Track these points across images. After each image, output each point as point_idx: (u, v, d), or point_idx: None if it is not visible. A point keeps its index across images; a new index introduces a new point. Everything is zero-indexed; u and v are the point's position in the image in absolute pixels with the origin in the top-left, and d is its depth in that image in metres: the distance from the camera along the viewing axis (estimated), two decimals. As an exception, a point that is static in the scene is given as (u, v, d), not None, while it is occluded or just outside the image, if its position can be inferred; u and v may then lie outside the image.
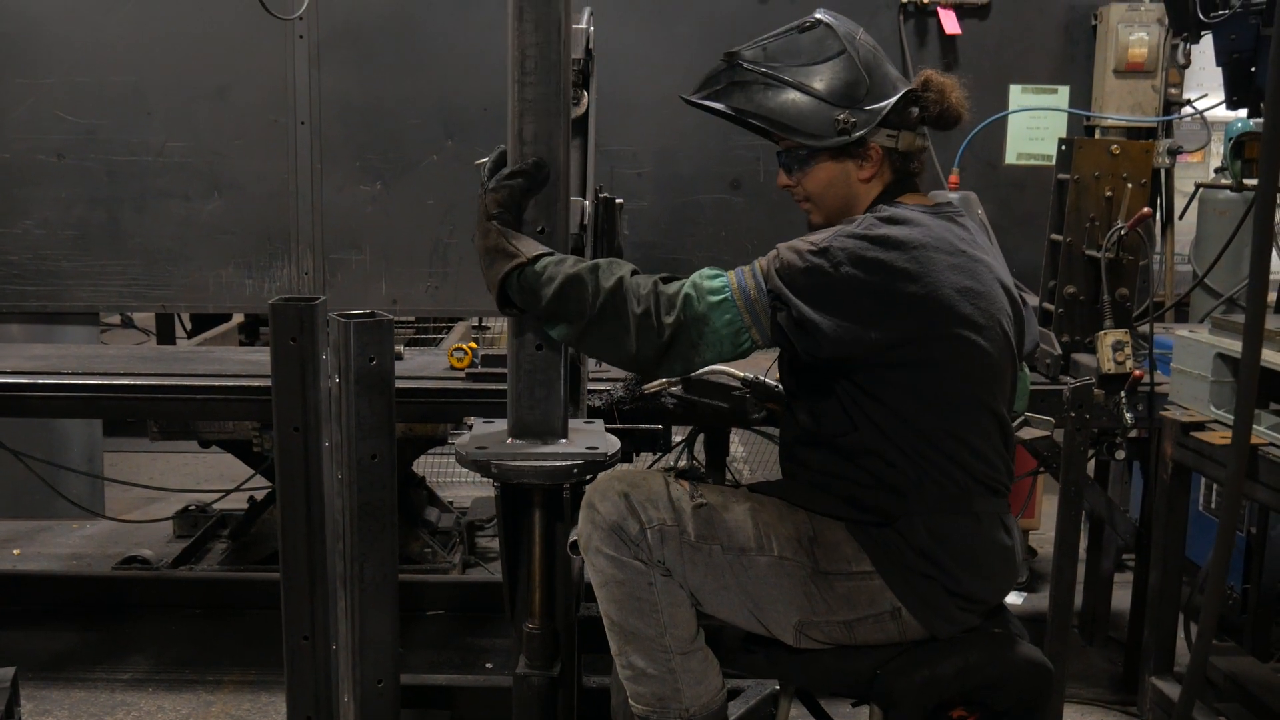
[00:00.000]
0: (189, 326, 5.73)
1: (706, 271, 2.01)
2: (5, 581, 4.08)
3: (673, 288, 1.98)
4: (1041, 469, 3.34)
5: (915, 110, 2.09)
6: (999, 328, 2.01)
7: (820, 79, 2.05)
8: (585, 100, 2.40)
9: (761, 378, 2.62)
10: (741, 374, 2.64)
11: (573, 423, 2.23)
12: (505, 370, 2.19)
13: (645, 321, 1.95)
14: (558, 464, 2.11)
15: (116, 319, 7.07)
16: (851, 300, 1.91)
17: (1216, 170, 4.30)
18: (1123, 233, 3.07)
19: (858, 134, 2.04)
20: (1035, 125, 3.96)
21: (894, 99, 2.06)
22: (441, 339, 5.01)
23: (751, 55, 2.09)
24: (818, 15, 2.11)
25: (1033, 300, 3.43)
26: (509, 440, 2.21)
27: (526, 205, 2.07)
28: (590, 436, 2.24)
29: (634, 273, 2.01)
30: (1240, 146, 3.51)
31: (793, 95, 2.05)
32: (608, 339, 1.99)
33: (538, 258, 2.01)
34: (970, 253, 2.01)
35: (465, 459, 2.15)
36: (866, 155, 2.08)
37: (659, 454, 3.06)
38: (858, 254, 1.91)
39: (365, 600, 2.17)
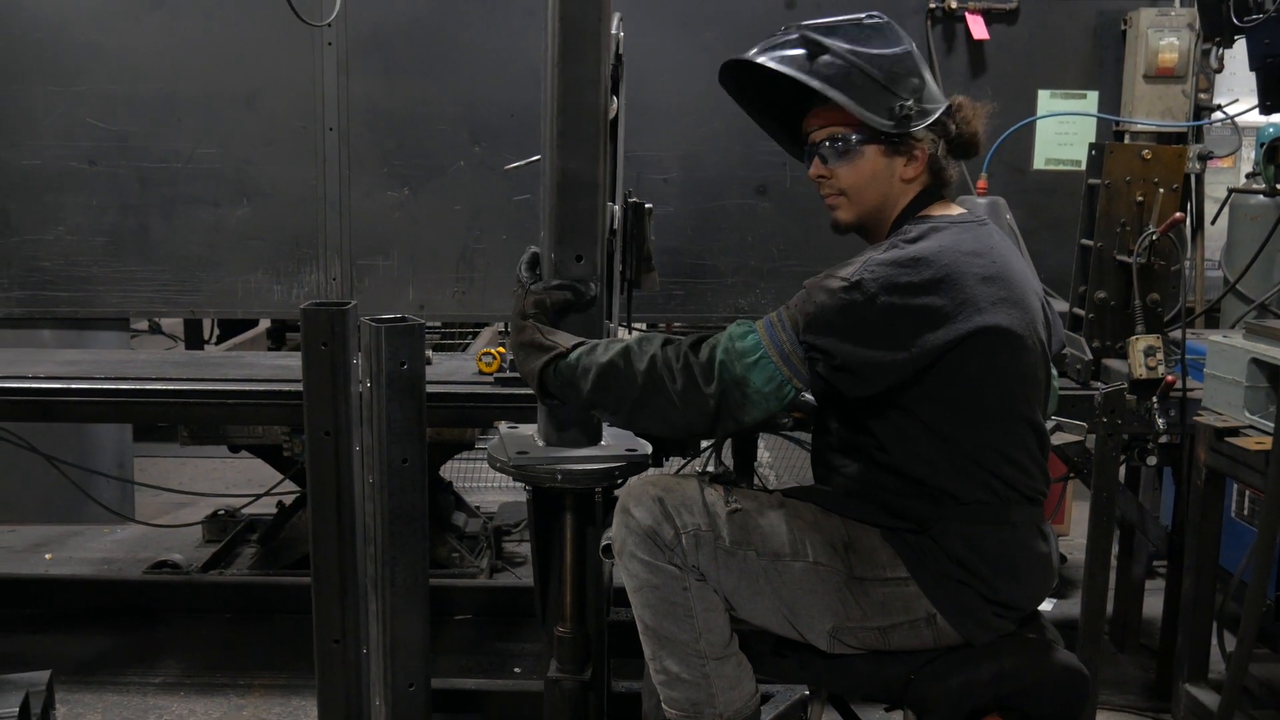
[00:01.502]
0: (217, 332, 5.77)
1: (736, 331, 1.97)
2: (38, 586, 4.11)
3: (705, 354, 1.95)
4: (1072, 475, 3.32)
5: (953, 126, 2.07)
6: (1034, 334, 2.00)
7: (886, 65, 2.02)
8: (616, 106, 2.40)
9: None
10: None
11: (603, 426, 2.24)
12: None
13: (687, 396, 1.94)
14: (590, 467, 2.12)
15: (144, 325, 7.13)
16: (891, 328, 1.88)
17: (1248, 175, 4.26)
18: (1154, 238, 3.05)
19: (915, 127, 2.01)
20: (1064, 130, 3.94)
21: (944, 104, 2.05)
22: (468, 344, 5.03)
23: (820, 28, 2.06)
24: (876, 15, 2.10)
25: (1062, 306, 3.41)
26: (540, 444, 2.21)
27: (564, 318, 2.12)
28: (622, 440, 2.24)
29: (665, 343, 1.99)
30: (1273, 151, 3.48)
31: (858, 73, 2.01)
32: (656, 418, 1.99)
33: (572, 349, 2.03)
34: (1001, 260, 1.99)
35: (498, 463, 2.16)
36: (914, 153, 2.05)
37: (688, 458, 3.06)
38: (891, 281, 1.88)
39: (396, 604, 2.18)
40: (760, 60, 2.07)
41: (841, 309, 1.89)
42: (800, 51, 2.04)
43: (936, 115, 2.03)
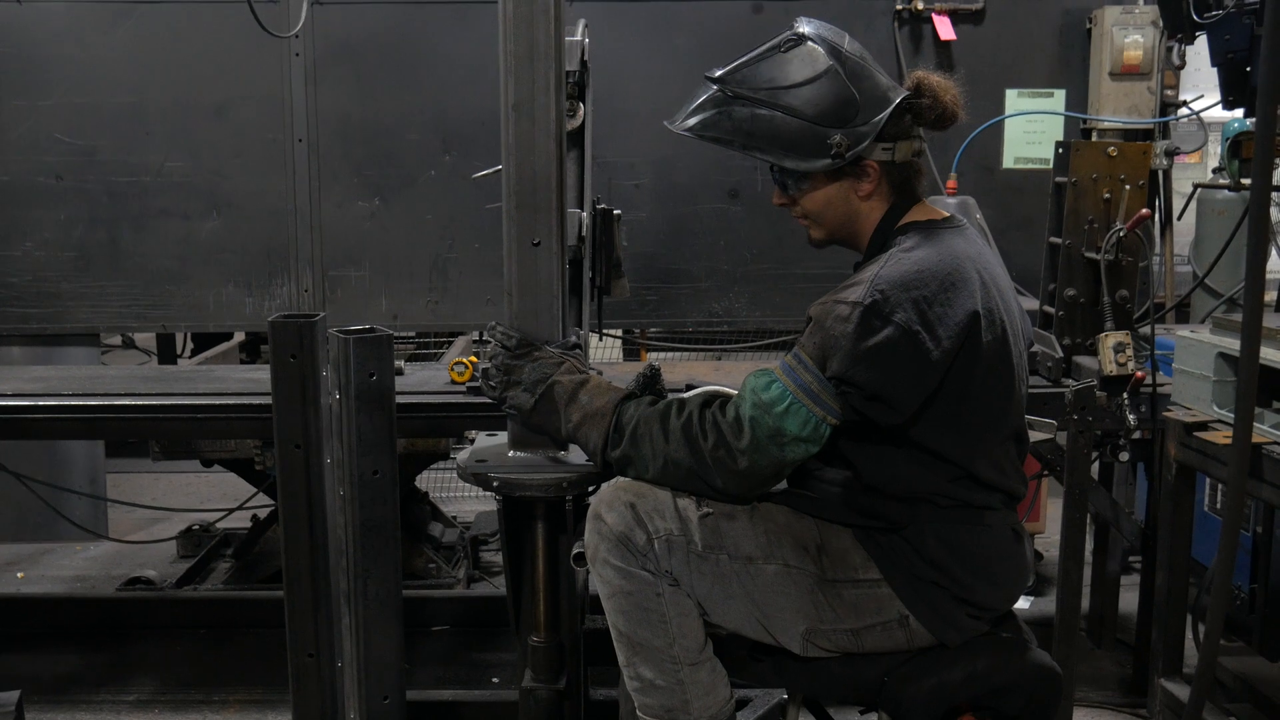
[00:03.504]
0: (191, 345, 5.73)
1: (757, 384, 1.94)
2: (9, 605, 4.07)
3: (731, 413, 1.93)
4: (1045, 472, 3.33)
5: (909, 117, 2.03)
6: (1020, 340, 2.03)
7: (808, 101, 1.98)
8: (581, 112, 2.40)
9: None
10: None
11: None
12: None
13: (719, 454, 1.93)
14: (559, 476, 2.11)
15: (117, 340, 7.08)
16: (911, 343, 1.86)
17: (1214, 171, 4.31)
18: (1121, 234, 3.07)
19: (851, 154, 1.99)
20: (1032, 129, 3.97)
21: (886, 113, 1.99)
22: (442, 354, 5.01)
23: (736, 79, 2.02)
24: (800, 29, 2.05)
25: (1032, 304, 3.43)
26: (511, 453, 2.20)
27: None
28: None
29: (700, 406, 1.98)
30: (1237, 146, 3.50)
31: (781, 120, 1.99)
32: (692, 476, 1.97)
33: (629, 394, 2.05)
34: (985, 265, 2.00)
35: (466, 472, 2.15)
36: (864, 172, 2.03)
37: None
38: (904, 298, 1.87)
39: (369, 616, 2.17)
40: (686, 127, 2.05)
41: (860, 336, 1.87)
42: (717, 111, 2.02)
43: (878, 129, 1.98)
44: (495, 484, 2.10)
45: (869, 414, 1.91)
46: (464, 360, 3.20)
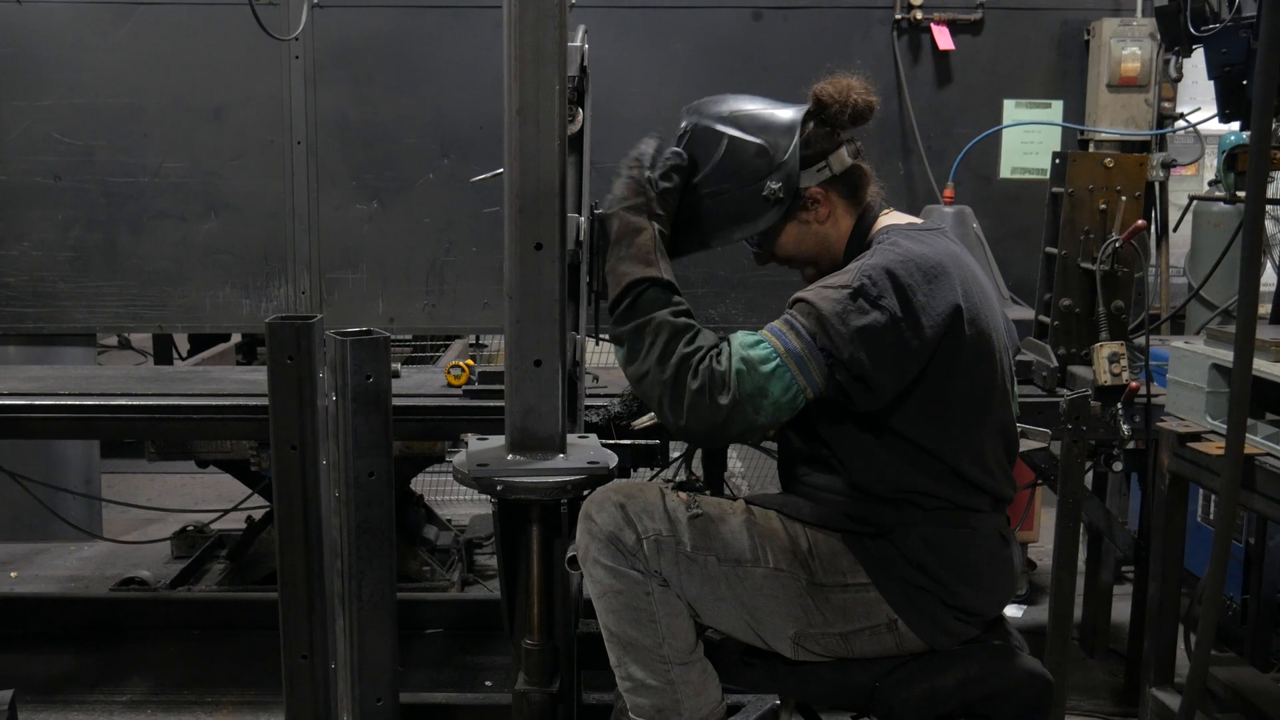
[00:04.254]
0: (187, 347, 5.73)
1: (745, 339, 1.96)
2: (3, 604, 4.06)
3: (722, 364, 1.93)
4: (1039, 481, 3.34)
5: (825, 130, 2.07)
6: (1002, 336, 2.04)
7: (727, 174, 2.05)
8: (580, 117, 2.40)
9: None
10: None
11: (570, 438, 2.23)
12: (502, 387, 2.18)
13: (698, 398, 1.92)
14: (555, 479, 2.11)
15: (114, 340, 7.08)
16: (895, 330, 1.89)
17: (1210, 183, 4.32)
18: (1117, 245, 3.08)
19: (788, 193, 2.04)
20: (1029, 139, 3.98)
21: (796, 140, 2.04)
22: (439, 357, 5.02)
23: (664, 188, 2.08)
24: (684, 122, 2.12)
25: (1028, 313, 3.44)
26: (507, 456, 2.21)
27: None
28: (588, 451, 2.23)
29: (712, 345, 1.98)
30: (1233, 159, 3.51)
31: (715, 203, 2.07)
32: (660, 398, 1.96)
33: (668, 283, 2.02)
34: (966, 264, 2.02)
35: (463, 475, 2.15)
36: (811, 200, 2.08)
37: (657, 469, 3.06)
38: (890, 281, 1.89)
39: (364, 619, 2.17)
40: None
41: (849, 315, 1.90)
42: (672, 224, 2.12)
43: (797, 161, 2.04)
44: (491, 487, 2.10)
45: (851, 392, 1.92)
46: (460, 363, 3.20)
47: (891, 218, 2.11)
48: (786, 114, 2.08)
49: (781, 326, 1.96)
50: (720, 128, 2.08)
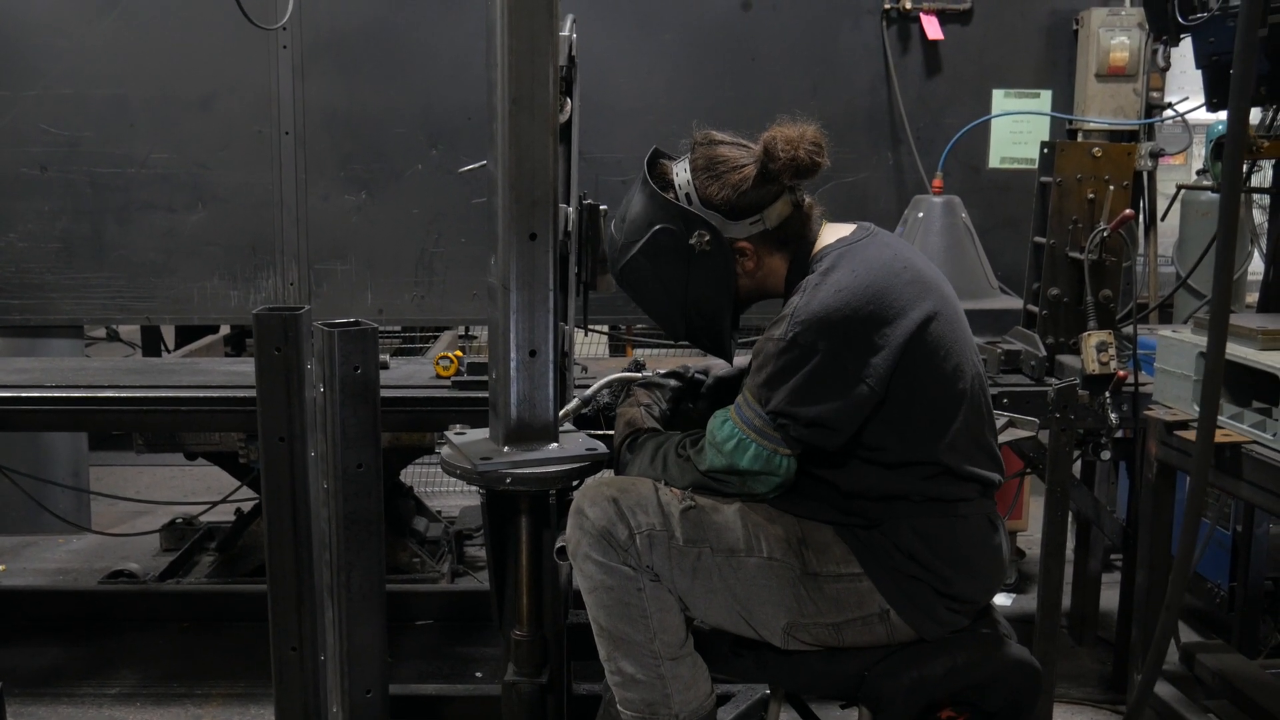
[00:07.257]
0: (175, 339, 5.70)
1: (713, 425, 2.03)
2: (-9, 597, 4.06)
3: (704, 462, 2.03)
4: (1028, 470, 3.35)
5: (768, 184, 2.04)
6: (963, 327, 2.04)
7: (666, 223, 2.07)
8: (569, 107, 2.40)
9: None
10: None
11: (560, 429, 2.23)
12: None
13: (708, 481, 2.06)
14: (544, 470, 2.11)
15: (101, 332, 7.04)
16: (839, 371, 1.90)
17: (1198, 172, 4.33)
18: (1105, 234, 3.09)
19: (715, 246, 2.04)
20: (1018, 129, 3.99)
21: (716, 211, 2.05)
22: (428, 348, 5.00)
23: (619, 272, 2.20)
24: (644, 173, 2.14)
25: (1016, 303, 3.44)
26: (502, 449, 2.20)
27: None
28: (578, 442, 2.24)
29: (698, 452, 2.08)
30: (1221, 148, 3.52)
31: (660, 257, 2.10)
32: (706, 488, 2.08)
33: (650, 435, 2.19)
34: (904, 258, 2.02)
35: (450, 466, 2.15)
36: (740, 252, 2.08)
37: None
38: (824, 324, 1.90)
39: (352, 610, 2.17)
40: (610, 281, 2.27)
41: (787, 370, 1.92)
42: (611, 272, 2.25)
43: (726, 221, 2.05)
44: (479, 478, 2.10)
45: (813, 441, 1.95)
46: (449, 354, 3.20)
47: (825, 234, 2.09)
48: (734, 155, 2.08)
49: (740, 401, 2.01)
50: (629, 253, 2.14)
